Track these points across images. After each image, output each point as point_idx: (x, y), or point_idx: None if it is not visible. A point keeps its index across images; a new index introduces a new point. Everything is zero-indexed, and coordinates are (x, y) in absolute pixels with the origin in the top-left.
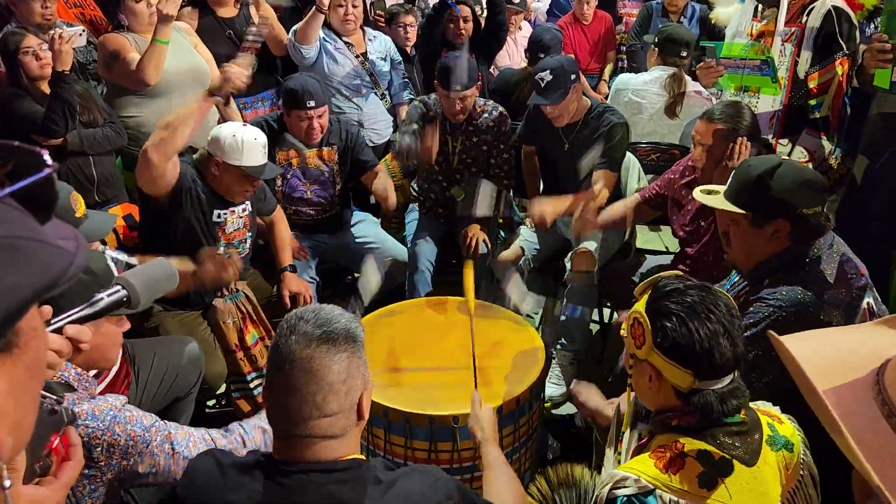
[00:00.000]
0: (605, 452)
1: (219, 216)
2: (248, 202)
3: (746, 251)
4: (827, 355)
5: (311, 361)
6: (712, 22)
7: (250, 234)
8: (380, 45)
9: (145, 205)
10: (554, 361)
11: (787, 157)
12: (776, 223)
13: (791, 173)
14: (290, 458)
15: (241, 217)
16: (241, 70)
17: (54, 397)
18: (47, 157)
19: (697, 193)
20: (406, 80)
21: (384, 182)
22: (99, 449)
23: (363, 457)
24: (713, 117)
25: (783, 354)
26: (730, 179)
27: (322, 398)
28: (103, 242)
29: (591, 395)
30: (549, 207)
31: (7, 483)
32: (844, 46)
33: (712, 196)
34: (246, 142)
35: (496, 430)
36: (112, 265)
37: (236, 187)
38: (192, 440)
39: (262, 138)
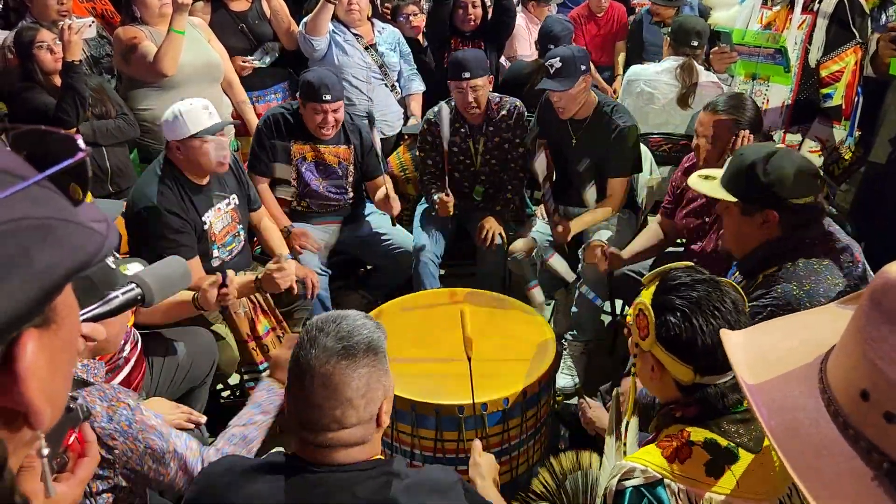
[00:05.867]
0: (606, 440)
1: (205, 223)
2: (231, 195)
3: (738, 238)
4: (782, 346)
5: (332, 378)
6: (712, 27)
7: (241, 226)
8: (389, 37)
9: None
10: (565, 353)
11: (782, 146)
12: (765, 213)
13: (783, 163)
14: (310, 461)
15: (226, 213)
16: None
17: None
18: (81, 143)
19: (693, 179)
20: (416, 71)
21: (385, 192)
22: (117, 451)
23: (383, 458)
24: (716, 108)
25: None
26: (725, 166)
27: (341, 413)
28: None
29: (596, 412)
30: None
31: (45, 451)
32: (857, 35)
33: (707, 182)
34: (184, 112)
35: (497, 478)
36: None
37: (202, 158)
38: (198, 449)
39: (198, 102)
